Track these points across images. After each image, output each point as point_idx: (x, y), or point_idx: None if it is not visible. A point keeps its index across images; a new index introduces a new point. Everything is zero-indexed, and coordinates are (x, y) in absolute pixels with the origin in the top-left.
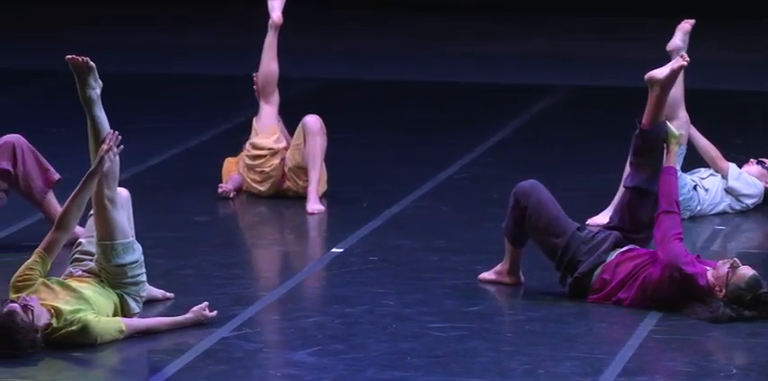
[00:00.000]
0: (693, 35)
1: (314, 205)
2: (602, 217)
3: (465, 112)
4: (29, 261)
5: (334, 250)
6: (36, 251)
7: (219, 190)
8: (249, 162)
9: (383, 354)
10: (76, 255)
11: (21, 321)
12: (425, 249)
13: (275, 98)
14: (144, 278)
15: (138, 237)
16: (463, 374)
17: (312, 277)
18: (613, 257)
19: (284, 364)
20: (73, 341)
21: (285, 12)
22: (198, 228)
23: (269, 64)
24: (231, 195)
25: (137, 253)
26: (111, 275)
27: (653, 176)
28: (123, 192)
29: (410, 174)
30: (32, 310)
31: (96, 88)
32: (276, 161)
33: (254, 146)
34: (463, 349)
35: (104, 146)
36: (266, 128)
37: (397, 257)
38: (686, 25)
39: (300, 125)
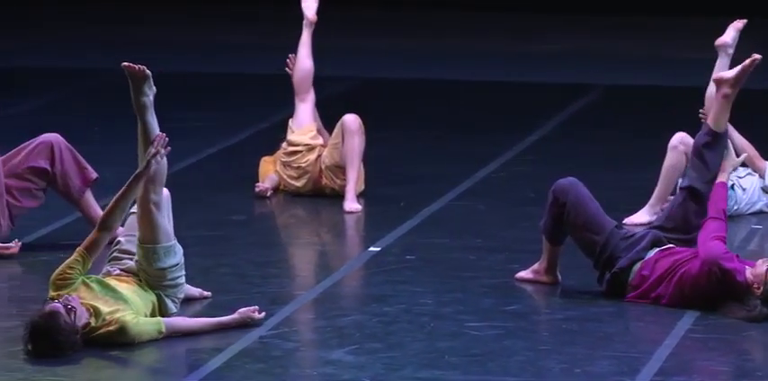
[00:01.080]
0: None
1: (351, 204)
2: (640, 217)
3: (503, 111)
4: (69, 259)
5: (371, 249)
6: (77, 250)
7: (256, 189)
8: (285, 159)
9: (420, 353)
10: (115, 254)
11: (63, 322)
12: (463, 248)
13: (310, 96)
14: (183, 280)
15: (176, 235)
16: (500, 373)
17: (349, 276)
18: (653, 254)
19: (321, 363)
20: (110, 341)
21: (320, 11)
22: (235, 227)
23: (304, 61)
24: (268, 194)
25: (178, 256)
26: (151, 277)
27: (710, 180)
28: (164, 191)
29: (448, 173)
30: (75, 311)
31: (150, 95)
32: (312, 156)
33: (290, 143)
34: (500, 347)
35: (152, 150)
36: (302, 127)
37: (434, 256)
38: (739, 24)
39: (339, 124)
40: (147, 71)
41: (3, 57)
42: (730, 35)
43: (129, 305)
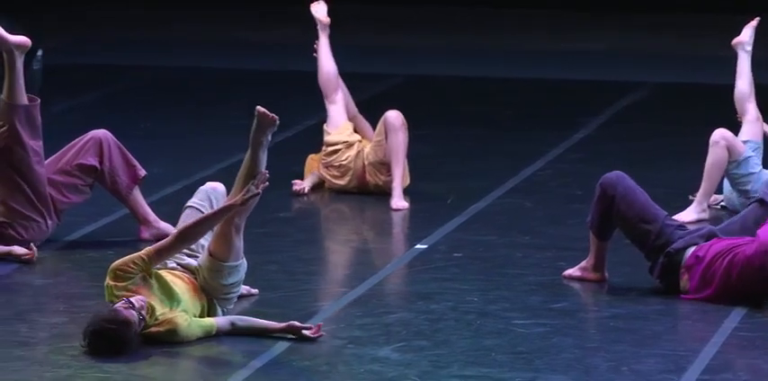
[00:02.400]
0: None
1: (398, 201)
2: (687, 214)
3: (550, 108)
4: (136, 255)
5: (418, 246)
6: (148, 248)
7: (294, 187)
8: (326, 159)
9: (467, 350)
10: None
11: (134, 332)
12: (509, 245)
13: (339, 96)
14: (237, 294)
15: None
16: (547, 370)
17: (396, 273)
18: (709, 241)
19: (368, 360)
20: (158, 340)
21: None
22: (282, 224)
23: (325, 64)
24: (305, 191)
25: (240, 273)
26: (210, 286)
27: None
28: (219, 187)
29: (494, 170)
30: (144, 320)
31: (269, 136)
32: (352, 153)
33: (328, 144)
34: (547, 345)
35: (253, 189)
36: (338, 127)
37: (481, 253)
38: (754, 22)
39: (382, 120)
40: (277, 120)
41: (53, 55)
42: (747, 34)
43: (183, 307)
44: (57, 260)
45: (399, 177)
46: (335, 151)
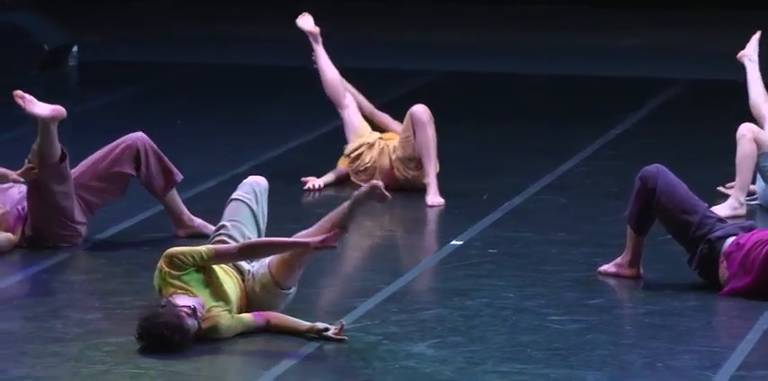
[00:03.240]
0: None
1: (434, 197)
2: (723, 209)
3: (585, 105)
4: (197, 249)
5: (453, 242)
6: (209, 247)
7: (305, 185)
8: (352, 166)
9: (502, 346)
10: (222, 238)
11: (189, 340)
12: (545, 242)
13: (349, 99)
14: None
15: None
16: (582, 366)
17: (431, 269)
18: (750, 232)
19: (404, 356)
20: (198, 336)
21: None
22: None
23: (327, 73)
24: (315, 187)
25: (289, 299)
26: (255, 298)
27: None
28: (262, 181)
29: (530, 167)
30: (200, 325)
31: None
32: (374, 152)
33: (350, 151)
34: (582, 341)
35: (333, 244)
36: (356, 131)
37: (516, 249)
38: (756, 35)
39: (408, 116)
40: (389, 198)
41: (88, 52)
42: (751, 46)
43: (229, 304)
44: (91, 256)
45: (433, 173)
46: (359, 156)
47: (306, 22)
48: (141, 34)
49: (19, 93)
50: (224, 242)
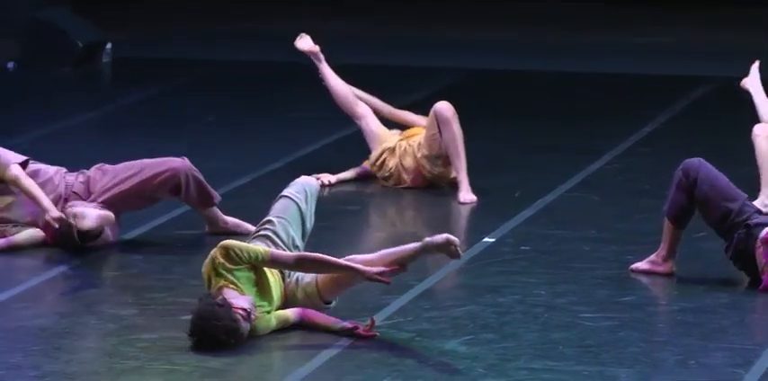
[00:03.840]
0: None
1: (466, 194)
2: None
3: (618, 102)
4: (256, 248)
5: (485, 239)
6: (267, 250)
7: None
8: (380, 174)
9: (534, 343)
10: (267, 232)
11: (241, 343)
12: (577, 239)
13: (362, 108)
14: None
15: None
16: (614, 364)
17: (464, 266)
18: None
19: (436, 353)
20: None
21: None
22: (350, 217)
23: (335, 89)
24: (326, 182)
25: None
26: (294, 299)
27: None
28: (314, 182)
29: (561, 164)
30: (252, 326)
31: None
32: (397, 156)
33: (374, 160)
34: (614, 339)
35: (386, 279)
36: (377, 139)
37: (548, 247)
38: (756, 63)
39: (431, 114)
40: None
41: (122, 48)
42: (752, 74)
43: (271, 304)
44: (125, 252)
45: (464, 170)
46: (382, 162)
47: (304, 42)
48: (173, 31)
49: (69, 212)
50: (268, 237)
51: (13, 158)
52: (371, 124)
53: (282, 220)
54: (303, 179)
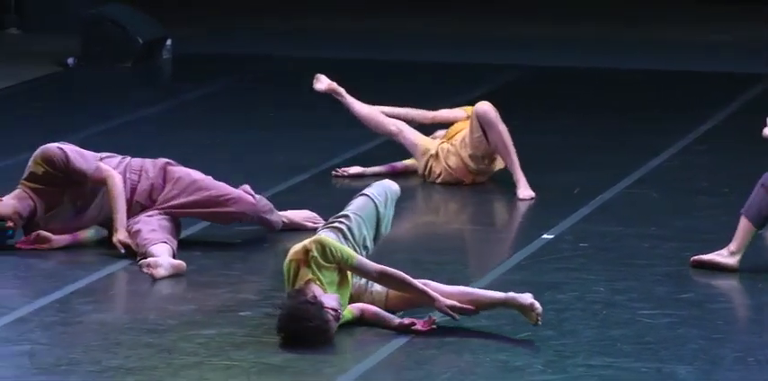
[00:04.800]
0: None
1: (525, 191)
2: None
3: (678, 99)
4: (348, 250)
5: (544, 236)
6: (356, 257)
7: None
8: (433, 179)
9: (593, 340)
10: (340, 225)
11: (329, 339)
12: (636, 236)
13: (396, 125)
14: None
15: None
16: (673, 360)
17: (522, 263)
18: None
19: (494, 349)
20: None
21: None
22: (408, 212)
23: (365, 117)
24: (340, 172)
25: None
26: (355, 296)
27: None
28: (395, 187)
29: (620, 161)
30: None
31: None
32: (441, 160)
33: (421, 170)
34: (673, 335)
35: (455, 316)
36: (418, 153)
37: (607, 244)
38: None
39: (474, 117)
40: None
41: (182, 44)
42: None
43: (344, 305)
44: (185, 248)
45: (518, 167)
46: (430, 170)
47: (321, 83)
48: (233, 27)
49: (144, 262)
50: (341, 230)
51: (93, 158)
52: (409, 137)
53: (358, 218)
54: (386, 182)
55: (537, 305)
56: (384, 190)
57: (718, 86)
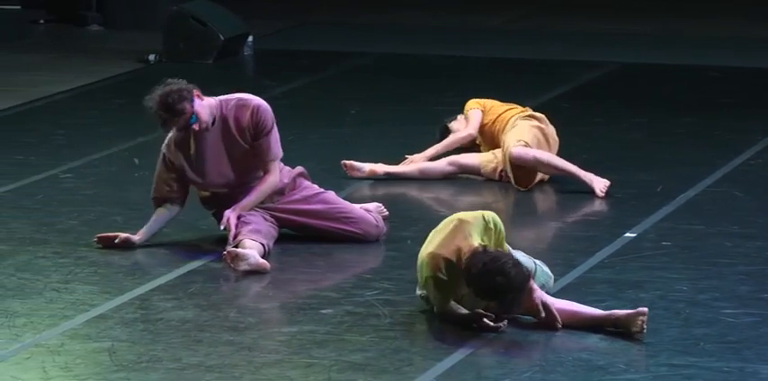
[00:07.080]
0: None
1: (598, 183)
2: None
3: (762, 97)
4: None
5: (627, 234)
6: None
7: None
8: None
9: (676, 339)
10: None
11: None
12: (719, 234)
13: (446, 163)
14: None
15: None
16: (756, 360)
17: (605, 261)
18: None
19: (577, 349)
20: None
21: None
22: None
23: (419, 176)
24: (359, 171)
25: None
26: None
27: None
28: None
29: (703, 159)
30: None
31: None
32: (494, 162)
33: (498, 177)
34: (757, 335)
35: (495, 329)
36: (486, 172)
37: (690, 242)
38: None
39: (507, 157)
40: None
41: (263, 41)
42: None
43: None
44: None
45: (578, 170)
46: (494, 167)
47: (360, 171)
48: (314, 23)
49: (232, 251)
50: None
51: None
52: (467, 162)
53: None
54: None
55: (642, 309)
56: (547, 278)
57: None
